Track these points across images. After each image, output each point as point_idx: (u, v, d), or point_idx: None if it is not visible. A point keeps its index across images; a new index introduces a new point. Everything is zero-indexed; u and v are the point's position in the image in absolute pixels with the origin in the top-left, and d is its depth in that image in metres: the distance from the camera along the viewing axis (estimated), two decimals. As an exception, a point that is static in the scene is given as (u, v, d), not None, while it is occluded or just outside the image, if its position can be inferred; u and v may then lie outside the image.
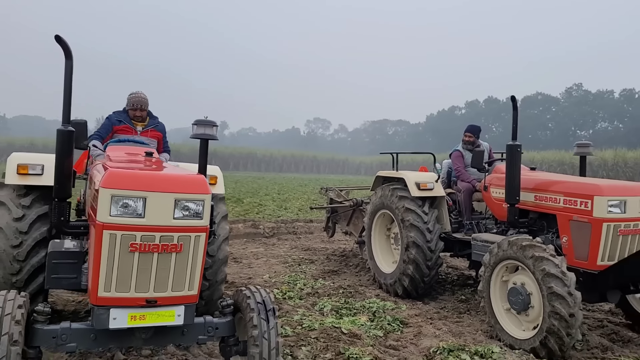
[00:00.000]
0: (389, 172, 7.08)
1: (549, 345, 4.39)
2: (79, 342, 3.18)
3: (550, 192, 5.33)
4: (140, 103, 5.34)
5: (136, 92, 5.45)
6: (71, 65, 3.53)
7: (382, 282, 6.84)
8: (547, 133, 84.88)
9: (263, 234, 11.27)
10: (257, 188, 25.66)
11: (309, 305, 5.93)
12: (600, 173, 42.45)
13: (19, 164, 4.54)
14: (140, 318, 3.08)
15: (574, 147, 6.04)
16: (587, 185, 5.03)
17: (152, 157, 4.06)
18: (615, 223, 4.77)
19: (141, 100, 5.36)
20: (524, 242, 4.68)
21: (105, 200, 2.94)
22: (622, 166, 41.00)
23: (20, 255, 4.36)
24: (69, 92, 3.58)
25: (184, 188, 3.10)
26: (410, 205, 6.37)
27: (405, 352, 4.58)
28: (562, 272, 4.39)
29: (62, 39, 3.48)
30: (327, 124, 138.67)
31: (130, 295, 3.02)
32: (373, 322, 5.34)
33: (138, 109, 5.31)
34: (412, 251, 6.24)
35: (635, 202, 4.84)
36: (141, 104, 5.35)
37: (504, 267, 4.95)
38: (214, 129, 3.76)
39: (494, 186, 6.04)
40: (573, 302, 4.30)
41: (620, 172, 40.86)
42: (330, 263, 8.58)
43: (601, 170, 42.39)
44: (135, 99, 5.31)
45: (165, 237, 3.01)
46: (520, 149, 5.33)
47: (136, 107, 5.31)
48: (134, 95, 5.38)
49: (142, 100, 5.37)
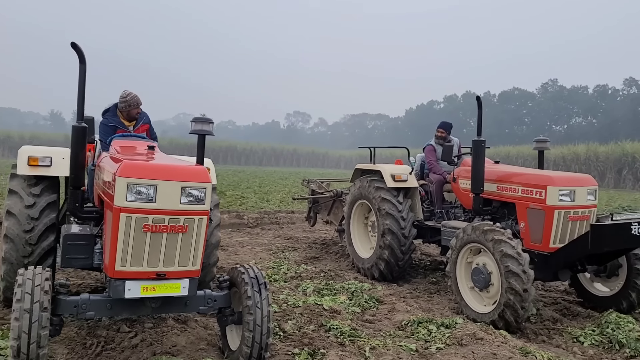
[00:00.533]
0: (366, 165, 7.63)
1: (505, 318, 4.98)
2: (97, 311, 3.66)
3: (510, 183, 5.94)
4: (137, 102, 5.66)
5: (129, 92, 5.60)
6: (84, 69, 3.98)
7: (360, 266, 7.40)
8: (523, 128, 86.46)
9: (247, 224, 11.77)
10: (238, 181, 26.03)
11: (293, 287, 6.46)
12: (572, 167, 43.66)
13: (29, 156, 4.97)
14: (151, 289, 3.56)
15: (533, 142, 6.64)
16: (541, 177, 5.64)
17: (154, 150, 4.54)
18: (565, 210, 5.40)
19: (137, 99, 5.68)
20: (485, 227, 5.28)
21: (122, 187, 3.42)
22: (594, 160, 42.15)
23: (32, 239, 4.80)
24: (83, 93, 4.04)
25: (189, 177, 3.59)
26: (386, 196, 6.92)
27: (379, 325, 5.15)
28: (518, 253, 4.98)
29: (77, 45, 3.94)
30: (307, 117, 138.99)
31: (143, 269, 3.50)
32: (351, 300, 5.89)
33: (134, 107, 5.62)
34: (387, 237, 6.80)
35: (582, 191, 5.48)
36: (137, 102, 5.67)
37: (468, 249, 5.54)
38: (210, 125, 4.19)
39: (462, 178, 6.63)
40: (527, 279, 4.90)
41: (592, 166, 41.99)
42: (312, 250, 9.12)
43: (574, 165, 43.58)
44: (132, 99, 5.51)
45: (173, 219, 3.50)
46: (485, 144, 5.89)
47: (133, 105, 5.59)
48: (130, 95, 5.54)
49: (138, 100, 5.68)
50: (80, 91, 4.03)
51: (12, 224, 4.79)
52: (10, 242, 4.77)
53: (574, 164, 43.52)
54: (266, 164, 72.49)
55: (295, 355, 4.23)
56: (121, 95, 5.57)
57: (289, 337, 4.63)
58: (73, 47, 3.95)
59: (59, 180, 5.20)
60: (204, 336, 4.60)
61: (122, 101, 5.53)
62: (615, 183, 39.32)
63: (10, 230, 4.77)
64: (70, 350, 4.23)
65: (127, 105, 5.52)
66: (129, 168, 3.48)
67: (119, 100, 5.55)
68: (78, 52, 3.95)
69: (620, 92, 77.34)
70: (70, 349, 4.26)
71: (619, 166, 39.73)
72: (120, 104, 5.53)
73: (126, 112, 5.55)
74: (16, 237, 4.77)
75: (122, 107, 5.52)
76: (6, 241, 4.79)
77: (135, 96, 5.62)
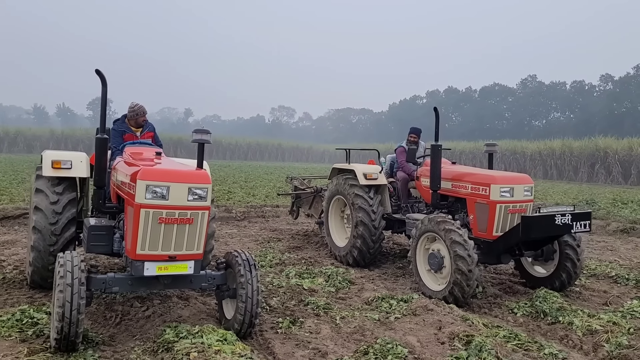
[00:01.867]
0: (342, 165, 8.61)
1: (454, 294, 6.00)
2: (120, 286, 4.59)
3: (462, 181, 6.96)
4: (142, 112, 6.60)
5: (136, 103, 6.58)
6: (106, 91, 4.89)
7: (336, 254, 8.40)
8: (503, 122, 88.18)
9: (235, 217, 12.71)
10: (224, 176, 26.85)
11: (278, 272, 7.42)
12: (548, 162, 45.22)
13: (53, 160, 5.85)
14: (165, 268, 4.49)
15: (484, 146, 7.65)
16: (486, 176, 6.67)
17: (161, 155, 5.47)
18: (505, 204, 6.43)
19: (142, 109, 6.61)
20: (438, 219, 6.29)
21: (142, 188, 4.34)
22: (569, 155, 43.56)
23: (57, 230, 5.71)
24: (104, 110, 4.97)
25: (194, 180, 4.52)
26: (359, 192, 7.91)
27: (350, 301, 6.14)
28: (464, 240, 6.00)
29: (101, 72, 4.85)
30: (291, 112, 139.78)
31: (158, 252, 4.43)
32: (327, 282, 6.88)
33: (141, 115, 6.58)
34: (360, 228, 7.79)
35: (520, 189, 6.51)
36: (142, 112, 6.61)
37: (425, 237, 6.55)
38: (208, 135, 5.04)
39: (424, 176, 7.63)
40: (471, 262, 5.92)
41: (566, 160, 43.48)
42: (294, 241, 10.10)
43: (549, 159, 45.12)
44: (139, 109, 6.51)
45: (182, 213, 4.43)
46: (441, 148, 6.89)
47: (139, 114, 6.56)
48: (137, 105, 6.52)
49: (143, 109, 6.62)
50: (102, 109, 4.95)
51: (39, 217, 5.68)
52: (38, 232, 5.67)
53: (550, 159, 45.01)
54: (251, 158, 73.15)
55: (279, 323, 5.19)
56: (130, 105, 6.55)
57: (274, 310, 5.61)
58: (97, 73, 4.86)
59: (77, 181, 6.09)
60: (203, 310, 5.56)
61: (130, 110, 6.50)
62: (589, 177, 40.76)
63: (38, 223, 5.67)
64: (93, 321, 5.15)
65: (135, 114, 6.49)
66: (147, 173, 4.40)
67: (127, 111, 6.52)
68: (101, 77, 4.85)
69: (597, 88, 79.32)
70: (93, 320, 5.18)
71: (592, 161, 41.16)
72: (129, 113, 6.50)
73: (134, 120, 6.51)
74: (43, 228, 5.67)
75: (131, 116, 6.49)
76: (35, 232, 5.68)
77: (141, 106, 6.59)
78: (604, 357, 4.63)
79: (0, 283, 6.22)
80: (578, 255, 6.51)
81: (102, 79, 4.87)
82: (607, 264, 8.49)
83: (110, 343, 4.64)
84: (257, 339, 4.84)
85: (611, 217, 13.67)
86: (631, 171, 37.72)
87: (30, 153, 59.29)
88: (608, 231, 12.49)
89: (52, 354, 4.17)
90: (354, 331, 5.05)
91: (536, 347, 4.68)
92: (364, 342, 4.70)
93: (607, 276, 7.69)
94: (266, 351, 4.59)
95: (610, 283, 7.40)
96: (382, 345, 4.51)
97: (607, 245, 10.70)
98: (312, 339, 4.79)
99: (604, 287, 7.13)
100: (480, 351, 4.45)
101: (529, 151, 47.31)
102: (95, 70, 4.87)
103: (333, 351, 4.48)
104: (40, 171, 5.91)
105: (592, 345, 4.85)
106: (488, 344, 4.54)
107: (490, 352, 4.41)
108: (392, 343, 4.56)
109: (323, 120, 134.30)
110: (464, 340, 4.71)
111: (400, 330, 5.08)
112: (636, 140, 39.53)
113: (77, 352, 4.24)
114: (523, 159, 47.93)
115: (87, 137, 64.04)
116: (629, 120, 66.89)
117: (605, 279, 7.59)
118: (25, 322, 4.74)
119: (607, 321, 5.28)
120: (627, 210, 15.62)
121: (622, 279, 7.45)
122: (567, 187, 30.24)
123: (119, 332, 4.93)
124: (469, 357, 4.40)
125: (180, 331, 4.52)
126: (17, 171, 24.53)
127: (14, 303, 5.47)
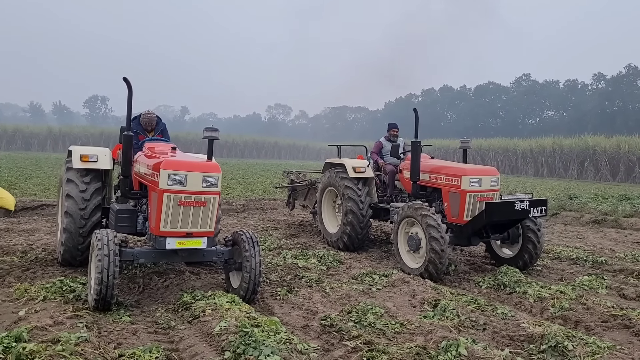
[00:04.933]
0: (334, 159, 9.55)
1: (429, 270, 6.94)
2: (146, 258, 5.52)
3: (438, 173, 7.91)
4: (152, 123, 7.34)
5: (147, 113, 7.36)
6: (131, 96, 5.79)
7: (328, 239, 9.34)
8: (497, 121, 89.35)
9: (236, 209, 13.66)
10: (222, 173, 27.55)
11: (276, 254, 8.36)
12: (539, 159, 46.27)
13: (81, 154, 6.76)
14: (183, 243, 5.41)
15: (459, 142, 8.58)
16: (458, 169, 7.62)
17: (176, 150, 6.39)
18: (474, 193, 7.38)
19: (152, 120, 7.34)
20: (416, 206, 7.24)
21: (165, 176, 5.26)
22: (559, 153, 44.60)
23: (85, 214, 6.62)
24: (130, 112, 5.88)
25: (207, 169, 5.45)
26: (349, 184, 8.85)
27: (339, 276, 7.09)
28: (438, 224, 6.93)
29: (128, 79, 5.75)
30: (288, 109, 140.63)
31: (177, 230, 5.35)
32: (320, 262, 7.82)
33: (149, 126, 7.41)
34: (349, 217, 8.73)
35: (487, 179, 7.47)
36: (152, 124, 7.38)
37: (405, 222, 7.49)
38: (217, 133, 5.93)
39: (405, 170, 8.58)
40: (443, 242, 6.85)
41: (557, 158, 44.54)
42: (290, 229, 11.04)
43: (540, 157, 46.19)
44: (146, 120, 7.28)
45: (197, 197, 5.34)
46: (420, 144, 7.83)
47: (147, 126, 7.36)
48: (145, 116, 7.31)
49: (152, 121, 7.35)
50: (128, 111, 5.87)
51: (71, 204, 6.59)
52: (70, 217, 6.57)
53: (541, 156, 46.07)
54: (248, 156, 74.02)
55: (278, 292, 6.13)
56: (144, 112, 7.36)
57: (273, 283, 6.55)
58: (124, 81, 5.76)
59: (101, 172, 6.99)
60: (212, 282, 6.50)
61: (144, 118, 7.33)
62: (578, 174, 41.81)
63: (70, 208, 6.57)
64: (120, 291, 6.04)
65: (146, 123, 7.34)
66: (169, 163, 5.33)
67: (141, 115, 7.35)
68: (128, 84, 5.76)
69: (589, 86, 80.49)
70: (120, 290, 6.07)
71: (581, 158, 42.21)
72: (142, 119, 7.33)
73: (145, 126, 7.35)
74: (74, 213, 6.58)
75: (144, 123, 7.34)
76: (67, 216, 6.58)
77: (153, 118, 7.35)
78: (548, 317, 5.57)
79: (35, 261, 7.13)
80: (538, 238, 7.46)
81: (128, 86, 5.78)
82: (572, 249, 9.43)
83: (137, 306, 5.57)
84: (259, 304, 5.78)
85: (585, 210, 14.65)
86: (619, 168, 38.84)
87: (28, 150, 60.10)
88: (582, 222, 13.47)
89: (91, 312, 5.08)
90: (340, 298, 5.99)
91: (491, 309, 5.63)
92: (349, 305, 5.64)
93: (568, 258, 8.64)
94: (267, 312, 5.52)
95: (571, 264, 8.35)
96: (363, 307, 5.44)
97: (578, 234, 11.68)
98: (305, 303, 5.72)
99: (564, 266, 8.10)
100: (444, 311, 5.39)
101: (521, 149, 48.34)
102: (122, 78, 5.78)
103: (322, 311, 5.40)
104: (70, 164, 6.82)
105: (539, 309, 5.80)
106: (451, 306, 5.48)
107: (452, 311, 5.36)
108: (372, 305, 5.49)
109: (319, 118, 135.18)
110: (432, 304, 5.65)
111: (380, 297, 6.02)
112: (624, 138, 40.64)
113: (111, 311, 5.16)
114: (515, 156, 48.98)
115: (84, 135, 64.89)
116: (620, 118, 68.18)
117: (567, 261, 8.54)
118: (65, 289, 5.65)
119: (555, 290, 6.24)
120: (606, 204, 16.56)
121: (581, 261, 8.41)
122: (556, 184, 31.25)
123: (143, 298, 5.86)
124: (434, 315, 5.36)
125: (196, 295, 5.46)
126: (21, 168, 25.41)
127: (51, 276, 6.38)
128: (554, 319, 5.46)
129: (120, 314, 5.12)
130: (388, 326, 4.98)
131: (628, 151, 38.46)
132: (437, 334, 4.61)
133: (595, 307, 5.61)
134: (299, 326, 5.03)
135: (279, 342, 4.16)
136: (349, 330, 4.76)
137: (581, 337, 4.59)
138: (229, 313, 4.82)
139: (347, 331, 4.73)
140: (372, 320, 5.08)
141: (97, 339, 4.24)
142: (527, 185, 28.16)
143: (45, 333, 4.31)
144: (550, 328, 4.80)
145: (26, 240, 8.46)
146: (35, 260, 7.19)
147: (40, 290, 5.52)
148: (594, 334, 4.97)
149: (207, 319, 4.77)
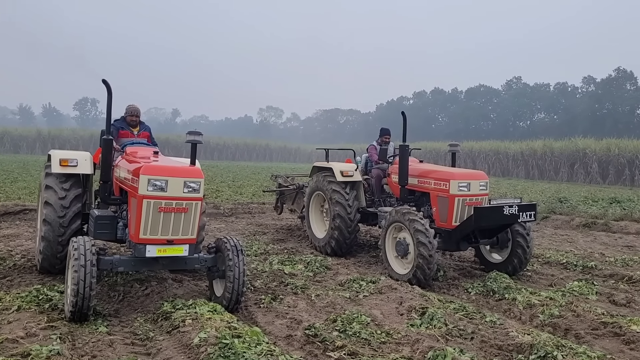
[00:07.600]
0: (322, 163, 9.41)
1: (417, 276, 6.82)
2: (125, 266, 5.35)
3: (427, 177, 7.79)
4: (136, 111, 7.31)
5: (132, 105, 7.32)
6: (111, 99, 5.64)
7: (316, 244, 9.19)
8: (489, 123, 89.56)
9: (223, 213, 13.48)
10: (212, 176, 27.52)
11: (262, 260, 8.21)
12: (530, 162, 46.38)
13: (60, 158, 6.57)
14: (163, 251, 5.24)
15: (448, 146, 8.47)
16: (447, 173, 7.50)
17: (158, 154, 6.23)
18: (463, 197, 7.26)
19: (137, 109, 7.33)
20: (404, 210, 7.11)
21: (144, 181, 5.10)
22: (550, 155, 44.73)
23: (64, 222, 6.42)
24: (110, 115, 5.72)
25: (188, 174, 5.28)
26: (337, 188, 8.71)
27: (325, 283, 6.94)
28: (426, 229, 6.82)
29: (107, 82, 5.59)
30: (279, 112, 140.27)
31: (158, 237, 5.18)
32: (307, 268, 7.67)
33: (135, 115, 7.27)
34: (337, 221, 8.59)
35: (476, 184, 7.35)
36: (137, 112, 7.32)
37: (393, 227, 7.36)
38: (200, 137, 5.75)
39: (394, 174, 8.46)
40: (431, 247, 6.74)
41: (547, 160, 44.66)
42: (278, 234, 10.89)
43: (531, 160, 46.30)
44: (132, 108, 7.20)
45: (178, 203, 5.18)
46: (409, 148, 7.71)
47: (133, 113, 7.24)
48: (131, 106, 7.26)
49: (137, 109, 7.33)
50: (107, 114, 5.71)
51: (49, 211, 6.39)
52: (48, 224, 6.37)
53: (531, 159, 46.18)
54: (239, 158, 73.73)
55: (262, 300, 5.98)
56: (127, 107, 7.23)
57: (257, 290, 6.39)
58: (104, 83, 5.60)
59: (82, 177, 6.81)
60: (195, 290, 6.33)
61: (127, 110, 7.21)
62: (569, 177, 41.94)
63: (48, 216, 6.37)
64: (99, 299, 5.88)
65: (129, 113, 7.19)
66: (149, 168, 5.17)
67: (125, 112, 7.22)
68: (107, 87, 5.60)
69: (579, 89, 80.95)
70: (99, 299, 5.90)
71: (571, 161, 42.34)
72: (127, 110, 7.21)
73: (129, 118, 7.18)
74: (53, 221, 6.38)
75: (129, 113, 7.19)
76: (45, 224, 6.39)
77: (135, 107, 7.25)
78: (537, 325, 5.46)
79: (13, 269, 6.93)
80: (527, 242, 7.36)
81: (107, 88, 5.62)
82: (562, 254, 9.35)
83: (115, 315, 5.40)
84: (242, 312, 5.62)
85: (576, 213, 14.61)
86: (609, 171, 38.98)
87: (17, 153, 59.47)
88: (572, 226, 13.43)
89: (67, 322, 4.90)
90: (326, 305, 5.85)
91: (479, 317, 5.52)
92: (334, 313, 5.50)
93: (558, 263, 8.55)
94: (250, 321, 5.37)
95: (561, 269, 8.26)
96: (349, 315, 5.31)
97: (568, 238, 11.62)
98: (290, 311, 5.58)
99: (554, 272, 8.00)
100: (432, 320, 5.27)
101: (512, 151, 48.45)
102: (102, 80, 5.62)
103: (307, 320, 5.26)
104: (49, 169, 6.63)
105: (529, 316, 5.69)
106: (439, 313, 5.36)
107: (440, 320, 5.23)
108: (357, 314, 5.36)
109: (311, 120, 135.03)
110: (420, 311, 5.53)
111: (367, 305, 5.88)
112: (614, 140, 40.86)
113: (88, 321, 4.99)
114: (506, 159, 49.08)
115: (74, 137, 64.30)
116: (610, 121, 68.51)
117: (556, 266, 8.45)
118: (41, 298, 5.46)
119: (545, 297, 6.14)
120: (596, 207, 16.54)
121: (571, 265, 8.32)
122: (546, 187, 31.28)
123: (122, 307, 5.69)
124: (421, 324, 5.23)
125: (177, 304, 5.30)
126: (8, 171, 25.05)
127: (28, 284, 6.20)
128: (544, 327, 5.36)
129: (97, 324, 4.95)
130: (374, 336, 4.85)
131: (618, 154, 38.62)
132: (424, 344, 4.48)
133: (585, 315, 5.50)
134: (282, 336, 4.89)
135: (260, 353, 4.02)
136: (333, 340, 4.62)
137: (571, 346, 4.48)
138: (209, 323, 4.67)
139: (332, 341, 4.60)
140: (357, 330, 4.94)
141: (70, 352, 4.08)
142: (518, 187, 28.16)
143: (16, 346, 4.14)
144: (540, 337, 4.69)
145: (6, 247, 8.25)
146: (13, 268, 6.99)
147: (15, 299, 5.34)
148: (584, 342, 4.87)
149: (187, 329, 4.62)
